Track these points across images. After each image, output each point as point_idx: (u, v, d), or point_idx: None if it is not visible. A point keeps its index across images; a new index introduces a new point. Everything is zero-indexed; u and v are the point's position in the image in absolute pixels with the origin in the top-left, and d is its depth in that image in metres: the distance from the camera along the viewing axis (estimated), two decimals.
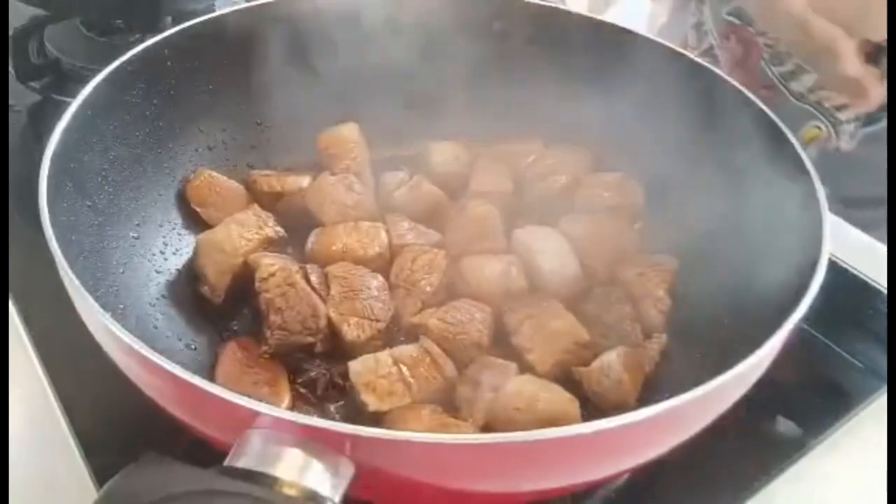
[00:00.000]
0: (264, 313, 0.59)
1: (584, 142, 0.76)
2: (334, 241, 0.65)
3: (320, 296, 0.60)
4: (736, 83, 0.66)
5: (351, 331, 0.59)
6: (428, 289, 0.62)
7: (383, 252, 0.65)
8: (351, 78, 0.77)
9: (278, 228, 0.66)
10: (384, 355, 0.56)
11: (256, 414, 0.38)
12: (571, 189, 0.73)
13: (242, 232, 0.65)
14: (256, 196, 0.70)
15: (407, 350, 0.57)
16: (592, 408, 0.56)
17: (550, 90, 0.77)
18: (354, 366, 0.56)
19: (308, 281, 0.61)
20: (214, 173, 0.70)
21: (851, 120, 0.85)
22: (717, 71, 0.67)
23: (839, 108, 0.85)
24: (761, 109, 0.62)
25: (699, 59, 0.70)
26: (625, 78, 0.71)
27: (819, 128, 0.86)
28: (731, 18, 0.94)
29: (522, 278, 0.64)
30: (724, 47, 0.97)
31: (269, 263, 0.61)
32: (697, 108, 0.67)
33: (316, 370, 0.58)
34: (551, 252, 0.66)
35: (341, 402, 0.57)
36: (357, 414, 0.55)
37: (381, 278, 0.62)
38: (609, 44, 0.72)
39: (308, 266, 0.62)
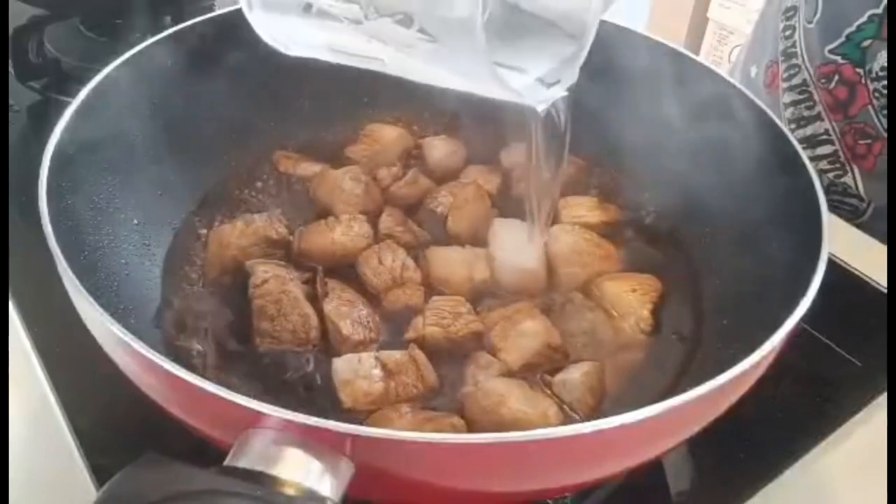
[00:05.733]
0: (255, 320, 0.59)
1: (579, 143, 0.76)
2: (321, 237, 0.66)
3: (314, 305, 0.60)
4: (736, 83, 0.66)
5: (347, 326, 0.59)
6: (417, 275, 0.64)
7: (371, 243, 0.66)
8: (351, 74, 0.77)
9: (281, 230, 0.66)
10: (369, 356, 0.56)
11: (257, 414, 0.38)
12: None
13: (245, 229, 0.65)
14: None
15: (393, 355, 0.56)
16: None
17: None
18: (338, 363, 0.56)
19: (305, 289, 0.61)
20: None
21: None
22: (718, 71, 0.67)
23: None
24: (761, 110, 0.62)
25: (706, 62, 0.68)
26: (623, 78, 0.71)
27: None
28: (834, 57, 0.83)
29: (486, 269, 0.64)
30: (822, 87, 0.85)
31: (264, 270, 0.61)
32: (697, 108, 0.67)
33: (301, 368, 0.58)
34: (511, 244, 0.66)
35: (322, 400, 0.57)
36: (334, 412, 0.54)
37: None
38: (608, 43, 0.72)
39: (305, 274, 0.62)
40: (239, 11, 0.69)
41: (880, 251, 0.78)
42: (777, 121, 0.61)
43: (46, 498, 0.55)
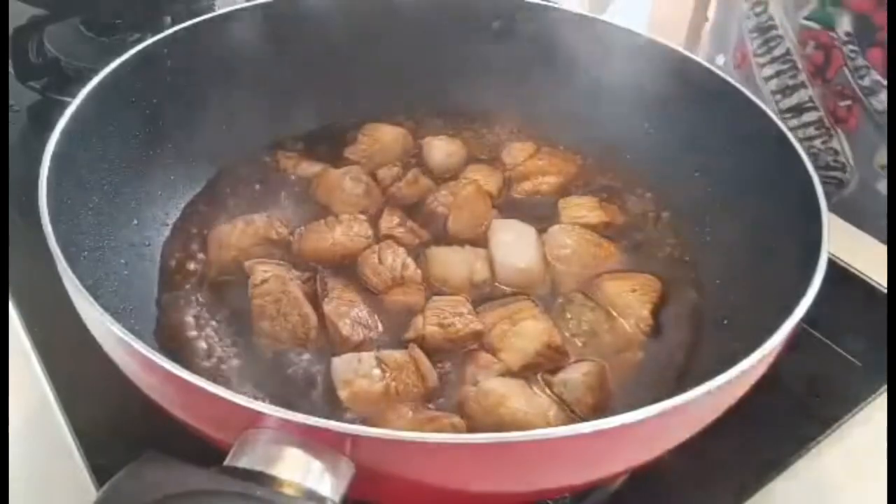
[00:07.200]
0: (255, 319, 0.59)
1: (580, 143, 0.77)
2: (321, 237, 0.66)
3: (314, 305, 0.60)
4: (735, 82, 0.65)
5: (347, 326, 0.59)
6: (417, 274, 0.63)
7: (371, 243, 0.66)
8: (350, 75, 0.78)
9: (281, 230, 0.66)
10: (369, 356, 0.56)
11: (256, 414, 0.38)
12: (556, 191, 0.74)
13: (245, 229, 0.65)
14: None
15: (393, 355, 0.56)
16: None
17: (548, 90, 0.78)
18: (337, 362, 0.56)
19: (305, 289, 0.61)
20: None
21: None
22: (716, 70, 0.67)
23: None
24: (761, 110, 0.62)
25: (706, 63, 0.68)
26: (623, 78, 0.71)
27: None
28: (808, 23, 0.86)
29: (486, 269, 0.64)
30: (802, 55, 0.89)
31: (264, 270, 0.61)
32: (696, 109, 0.67)
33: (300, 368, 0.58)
34: (511, 244, 0.66)
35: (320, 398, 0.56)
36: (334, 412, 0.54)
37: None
38: (609, 43, 0.72)
39: (305, 274, 0.62)
40: (239, 12, 0.69)
41: (880, 251, 0.78)
42: (778, 122, 0.61)
43: (46, 498, 0.55)
